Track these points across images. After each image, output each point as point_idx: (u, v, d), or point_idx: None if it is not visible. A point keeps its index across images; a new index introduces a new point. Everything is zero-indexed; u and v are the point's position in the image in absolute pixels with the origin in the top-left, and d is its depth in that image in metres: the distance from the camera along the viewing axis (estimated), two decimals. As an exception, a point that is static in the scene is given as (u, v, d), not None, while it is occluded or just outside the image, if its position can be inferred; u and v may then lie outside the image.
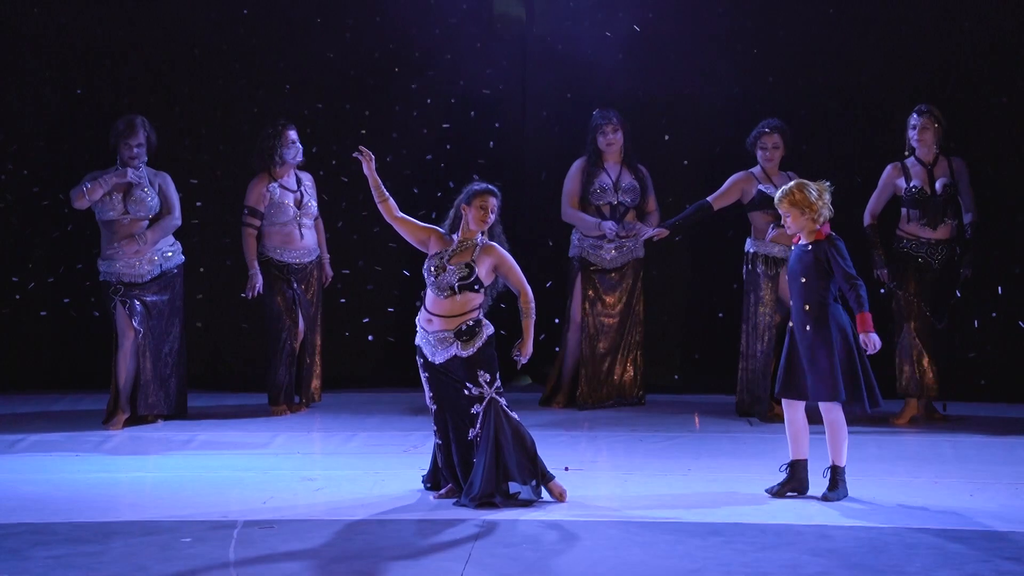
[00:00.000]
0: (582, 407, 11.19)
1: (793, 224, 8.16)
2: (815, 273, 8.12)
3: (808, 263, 8.14)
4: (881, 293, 11.44)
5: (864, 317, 8.08)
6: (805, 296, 8.16)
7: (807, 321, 8.15)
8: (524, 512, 7.94)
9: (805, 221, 8.13)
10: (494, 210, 8.19)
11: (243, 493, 8.42)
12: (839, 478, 8.19)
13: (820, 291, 8.12)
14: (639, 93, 11.96)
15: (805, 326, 8.15)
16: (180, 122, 11.96)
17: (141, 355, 10.55)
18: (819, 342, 8.11)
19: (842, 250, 8.13)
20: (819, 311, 8.13)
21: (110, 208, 10.55)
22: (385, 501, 8.21)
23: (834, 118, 11.85)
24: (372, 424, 10.70)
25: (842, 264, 8.09)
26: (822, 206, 8.12)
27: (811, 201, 8.10)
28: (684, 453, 9.55)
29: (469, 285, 8.12)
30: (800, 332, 8.19)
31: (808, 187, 8.15)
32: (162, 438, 10.15)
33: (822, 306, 8.13)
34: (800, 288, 8.18)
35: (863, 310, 8.07)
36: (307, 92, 12.13)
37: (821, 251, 8.11)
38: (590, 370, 11.27)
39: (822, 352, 8.10)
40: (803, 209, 8.11)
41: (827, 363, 8.09)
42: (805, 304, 8.15)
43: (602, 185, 11.23)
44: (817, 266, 8.11)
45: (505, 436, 8.07)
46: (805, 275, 8.14)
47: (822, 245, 8.13)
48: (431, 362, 8.20)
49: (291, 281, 11.04)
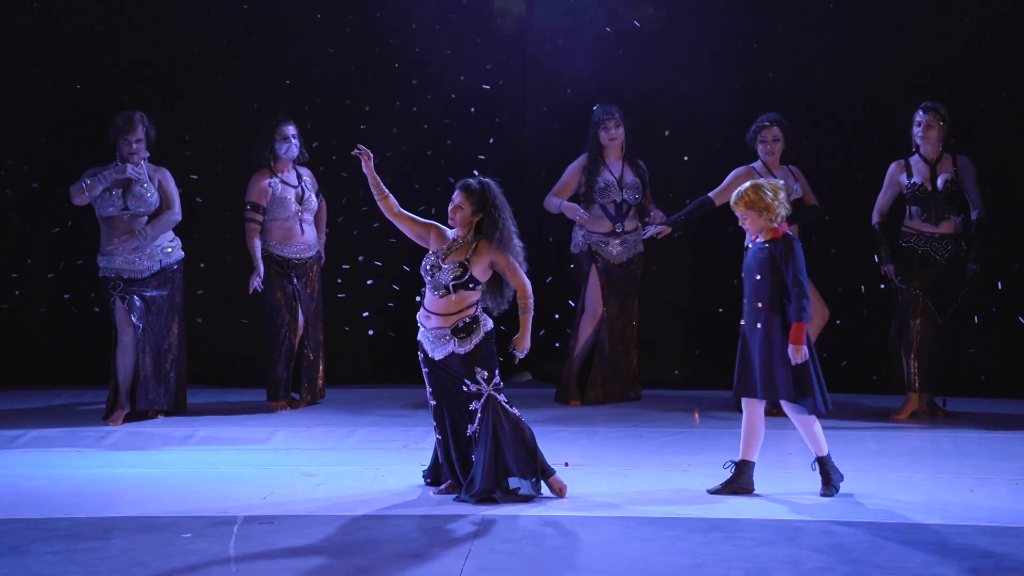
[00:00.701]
0: (599, 401, 11.22)
1: (751, 225, 8.15)
2: (769, 271, 8.08)
3: (763, 261, 8.10)
4: (881, 288, 11.46)
5: (799, 328, 8.00)
6: (758, 294, 8.12)
7: (759, 319, 8.12)
8: (524, 508, 7.93)
9: (763, 222, 8.12)
10: (462, 205, 8.11)
11: (243, 489, 8.41)
12: (827, 467, 8.18)
13: (773, 289, 8.09)
14: (639, 89, 11.95)
15: (756, 324, 8.12)
16: (180, 118, 11.96)
17: (141, 351, 10.55)
18: (771, 341, 8.08)
19: (797, 252, 8.08)
20: (771, 309, 8.10)
21: (109, 204, 10.55)
22: (385, 497, 8.21)
23: (835, 113, 11.84)
24: (372, 419, 10.70)
25: (793, 266, 8.04)
26: (778, 205, 8.10)
27: (767, 202, 8.08)
28: (685, 449, 9.55)
29: (463, 284, 8.11)
30: (751, 330, 8.16)
31: (763, 188, 8.13)
32: (162, 434, 10.15)
33: (775, 304, 8.11)
34: (754, 285, 8.14)
35: (800, 320, 8.00)
36: (307, 88, 12.13)
37: (777, 249, 8.09)
38: (607, 363, 11.26)
39: (774, 351, 8.07)
40: (760, 211, 8.10)
41: (779, 362, 8.05)
42: (758, 302, 8.11)
43: (607, 182, 11.24)
44: (772, 264, 8.08)
45: (504, 432, 8.07)
46: (760, 272, 8.12)
47: (779, 244, 8.10)
48: (431, 358, 8.20)
49: (291, 276, 11.04)
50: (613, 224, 11.28)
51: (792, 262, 8.05)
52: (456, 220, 8.15)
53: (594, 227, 11.31)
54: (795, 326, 8.02)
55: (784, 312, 8.08)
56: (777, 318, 8.09)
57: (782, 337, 8.06)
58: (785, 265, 8.05)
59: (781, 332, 8.07)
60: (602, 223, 11.30)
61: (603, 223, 11.30)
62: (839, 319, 11.63)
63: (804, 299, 8.02)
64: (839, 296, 11.68)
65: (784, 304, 8.08)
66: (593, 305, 11.33)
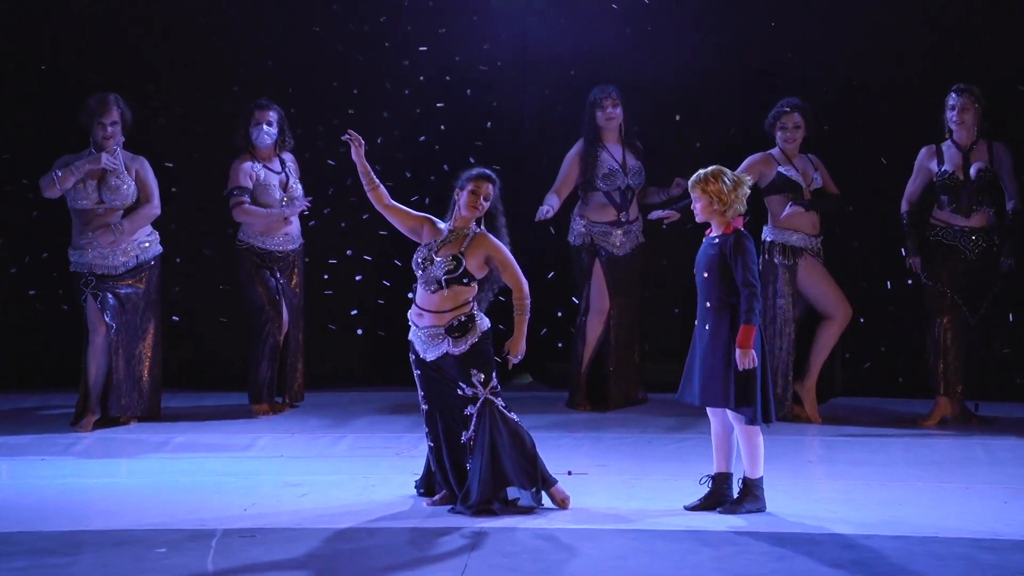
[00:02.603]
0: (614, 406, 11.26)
1: (701, 212, 8.11)
2: (719, 268, 8.03)
3: (713, 257, 8.06)
4: (908, 284, 11.46)
5: (747, 330, 7.93)
6: (707, 293, 8.07)
7: (707, 319, 8.08)
8: (524, 520, 7.94)
9: (712, 211, 8.08)
10: (488, 197, 8.19)
11: (222, 499, 8.41)
12: (750, 492, 8.08)
13: (722, 288, 8.06)
14: (648, 70, 11.94)
15: (705, 324, 8.08)
16: (154, 101, 11.94)
17: (113, 352, 10.55)
18: (716, 343, 8.04)
19: (748, 249, 8.02)
20: (720, 310, 8.06)
21: (83, 196, 10.53)
22: (375, 508, 8.21)
23: (858, 96, 11.84)
24: (361, 425, 10.72)
25: (742, 263, 7.97)
26: (734, 200, 8.04)
27: (723, 192, 8.03)
28: (696, 456, 9.53)
29: (457, 278, 8.12)
30: (699, 331, 8.12)
31: (724, 176, 8.08)
32: (135, 441, 10.15)
33: (723, 304, 8.06)
34: (703, 283, 8.10)
35: (748, 323, 7.94)
36: (291, 69, 12.12)
37: (727, 245, 8.06)
38: (618, 364, 11.29)
39: (718, 354, 8.02)
40: (712, 197, 8.05)
41: (720, 365, 8.01)
42: (707, 301, 8.07)
43: (610, 168, 11.23)
44: (721, 261, 8.04)
45: (502, 439, 8.08)
46: (708, 270, 8.09)
47: (728, 239, 8.06)
48: (422, 359, 8.21)
49: (273, 270, 11.04)
50: (618, 212, 11.28)
51: (742, 259, 7.98)
52: (477, 211, 8.15)
53: (596, 216, 11.31)
54: (743, 328, 7.95)
55: (734, 313, 8.03)
56: (725, 319, 8.02)
57: (728, 340, 8.02)
58: (734, 262, 8.00)
59: (728, 335, 8.02)
60: (605, 211, 11.30)
61: (606, 211, 11.30)
62: (862, 317, 11.64)
63: (755, 300, 7.96)
64: (862, 292, 11.68)
65: (733, 304, 8.02)
66: (599, 302, 11.32)
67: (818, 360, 10.89)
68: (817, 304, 10.92)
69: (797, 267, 10.83)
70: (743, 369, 7.94)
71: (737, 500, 8.09)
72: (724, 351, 8.00)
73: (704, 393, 8.07)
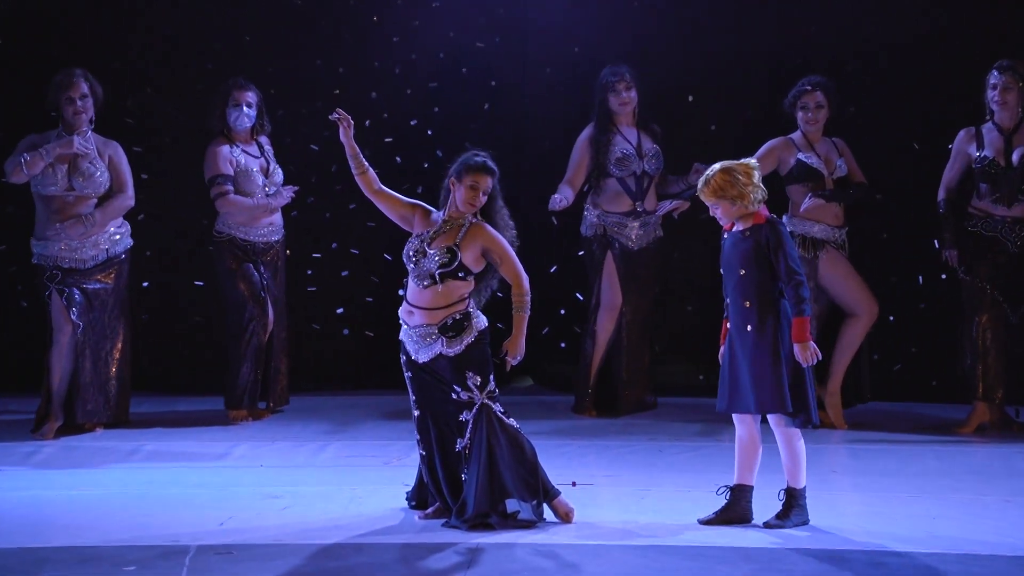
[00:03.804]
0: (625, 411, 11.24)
1: (724, 215, 8.10)
2: (756, 262, 8.00)
3: (746, 251, 8.03)
4: (942, 279, 11.43)
5: (802, 323, 7.92)
6: (745, 291, 8.03)
7: (748, 320, 8.03)
8: (524, 535, 7.91)
9: (737, 210, 8.07)
10: (487, 191, 8.15)
11: (196, 513, 8.39)
12: (795, 503, 8.07)
13: (763, 283, 8.02)
14: (658, 47, 11.96)
15: (746, 326, 8.04)
16: (122, 80, 11.92)
17: (80, 353, 10.54)
18: (763, 343, 8.00)
19: (785, 236, 8.01)
20: (763, 308, 8.02)
21: (52, 182, 10.48)
22: (363, 522, 8.19)
23: (887, 74, 11.82)
24: (347, 432, 10.72)
25: (784, 253, 7.96)
26: (752, 188, 8.03)
27: (739, 188, 8.01)
28: (712, 465, 9.53)
29: (452, 272, 8.08)
30: (739, 334, 8.07)
31: (733, 171, 8.07)
32: (102, 449, 10.13)
33: (766, 301, 8.03)
34: (738, 282, 8.06)
35: (802, 315, 7.93)
36: (271, 45, 12.12)
37: (762, 236, 8.01)
38: (629, 366, 11.25)
39: (766, 357, 7.98)
40: (732, 199, 8.04)
41: (771, 369, 7.97)
42: (745, 300, 8.03)
43: (624, 152, 11.19)
44: (758, 253, 8.00)
45: (500, 447, 8.06)
46: (744, 266, 8.05)
47: (762, 230, 8.03)
48: (414, 360, 8.18)
49: (257, 263, 11.00)
50: (633, 202, 11.23)
51: (782, 249, 7.98)
52: (475, 207, 8.11)
53: (610, 206, 11.26)
54: (797, 322, 7.95)
55: (778, 309, 8.01)
56: (769, 317, 8.00)
57: (775, 339, 7.99)
58: (775, 254, 7.98)
59: (774, 333, 8.00)
60: (620, 201, 11.26)
61: (621, 201, 11.26)
62: (891, 315, 11.63)
63: (803, 288, 7.97)
64: (892, 288, 11.68)
65: (776, 299, 8.01)
66: (611, 298, 11.29)
67: (843, 361, 10.88)
68: (841, 301, 10.90)
69: (819, 260, 10.81)
70: (807, 364, 7.94)
71: (782, 513, 8.06)
72: (772, 351, 7.98)
73: (760, 399, 8.02)
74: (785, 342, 7.97)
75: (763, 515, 8.06)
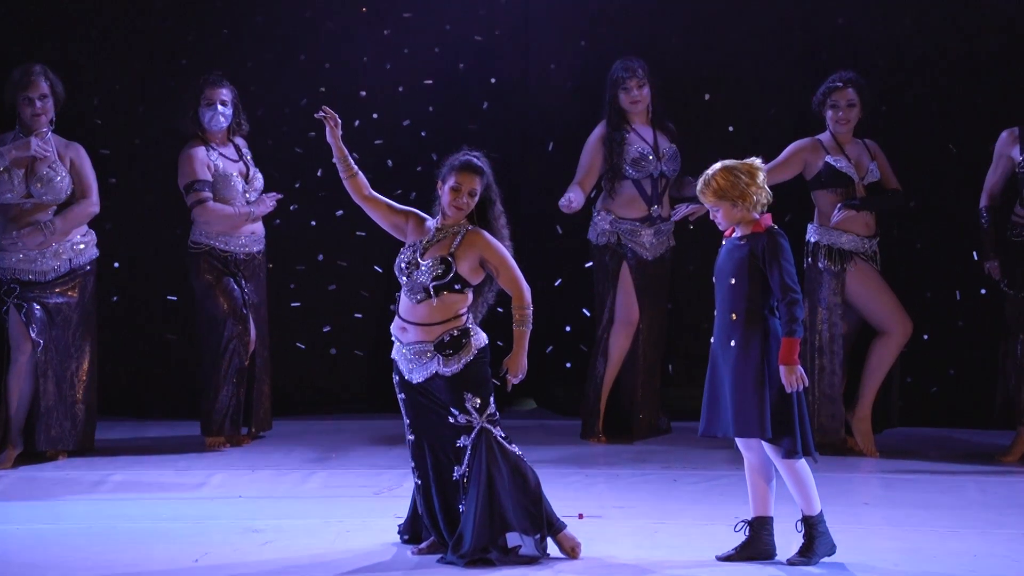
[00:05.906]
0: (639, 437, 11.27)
1: (724, 219, 8.10)
2: (748, 273, 8.00)
3: (740, 260, 8.03)
4: (982, 294, 11.43)
5: (791, 344, 7.90)
6: (733, 302, 8.03)
7: (732, 334, 8.03)
8: (526, 572, 7.92)
9: (739, 213, 8.07)
10: (475, 193, 8.14)
11: (169, 549, 8.38)
12: (815, 532, 8.05)
13: (753, 297, 8.02)
14: (671, 41, 11.99)
15: (730, 341, 8.05)
16: (87, 76, 11.93)
17: (41, 374, 10.54)
18: (747, 361, 7.99)
19: (784, 249, 8.00)
20: (750, 323, 8.02)
21: (8, 188, 10.51)
22: (351, 558, 8.18)
23: (923, 70, 11.83)
24: (335, 460, 10.72)
25: (780, 266, 7.96)
26: (756, 191, 8.04)
27: (742, 188, 8.03)
28: (730, 497, 9.53)
29: (447, 285, 8.09)
30: (723, 349, 8.08)
31: (735, 171, 8.09)
32: (66, 479, 10.14)
33: (755, 317, 8.02)
34: (728, 291, 8.06)
35: (792, 335, 7.91)
36: (251, 38, 12.14)
37: (758, 246, 8.02)
38: (645, 386, 11.27)
39: (748, 376, 7.98)
40: (734, 200, 8.05)
41: (753, 389, 7.97)
42: (732, 312, 8.04)
43: (640, 151, 11.19)
44: (751, 264, 8.00)
45: (501, 475, 8.06)
46: (735, 275, 8.07)
47: (760, 239, 8.03)
48: (408, 381, 8.19)
49: (238, 277, 11.00)
50: (648, 206, 11.23)
51: (779, 262, 7.96)
52: (462, 211, 8.11)
53: (623, 211, 11.27)
54: (786, 342, 7.93)
55: (767, 327, 8.01)
56: (757, 334, 8.00)
57: (760, 358, 7.99)
58: (770, 266, 7.98)
59: (760, 352, 8.00)
60: (634, 205, 11.26)
61: (635, 205, 11.26)
62: (926, 334, 11.63)
63: (797, 308, 7.96)
64: (927, 303, 11.69)
65: (766, 316, 8.02)
66: (627, 314, 11.29)
67: (873, 383, 10.88)
68: (871, 318, 10.91)
69: (847, 273, 10.82)
70: (791, 390, 7.90)
71: (805, 547, 8.04)
72: (757, 370, 7.97)
73: (738, 421, 8.02)
74: (772, 362, 7.94)
75: (785, 547, 8.06)
